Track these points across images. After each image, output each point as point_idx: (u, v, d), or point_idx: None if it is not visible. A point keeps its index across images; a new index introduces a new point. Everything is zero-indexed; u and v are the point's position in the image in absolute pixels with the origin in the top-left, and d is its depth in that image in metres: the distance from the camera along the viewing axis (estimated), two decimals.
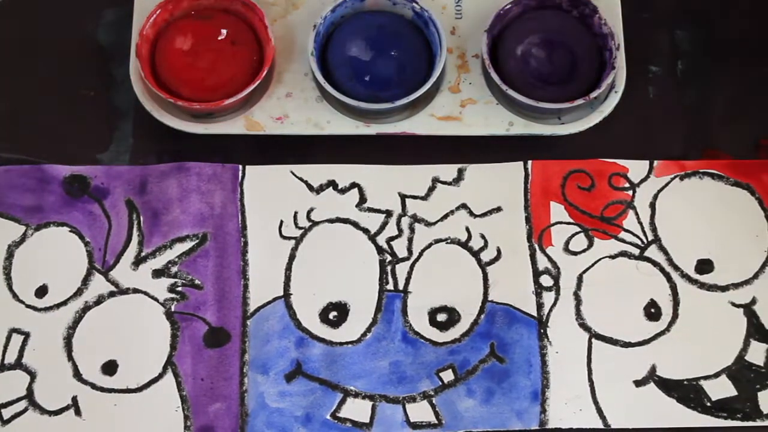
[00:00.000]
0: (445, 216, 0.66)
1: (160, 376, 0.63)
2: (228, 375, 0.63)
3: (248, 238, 0.66)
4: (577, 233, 0.66)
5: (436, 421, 0.63)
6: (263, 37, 0.67)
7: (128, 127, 0.68)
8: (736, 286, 0.65)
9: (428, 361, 0.64)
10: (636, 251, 0.66)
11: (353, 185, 0.67)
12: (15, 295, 0.64)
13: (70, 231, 0.66)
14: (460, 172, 0.67)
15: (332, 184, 0.67)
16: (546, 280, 0.65)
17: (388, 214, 0.67)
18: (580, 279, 0.65)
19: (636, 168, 0.68)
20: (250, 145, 0.68)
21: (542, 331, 0.64)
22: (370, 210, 0.67)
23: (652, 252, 0.66)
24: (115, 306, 0.64)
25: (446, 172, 0.67)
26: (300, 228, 0.66)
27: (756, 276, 0.66)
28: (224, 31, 0.67)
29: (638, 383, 0.63)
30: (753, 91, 0.70)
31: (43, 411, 0.62)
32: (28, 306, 0.64)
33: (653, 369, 0.64)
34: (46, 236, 0.65)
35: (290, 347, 0.64)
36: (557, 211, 0.67)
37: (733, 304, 0.65)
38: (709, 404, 0.63)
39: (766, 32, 0.71)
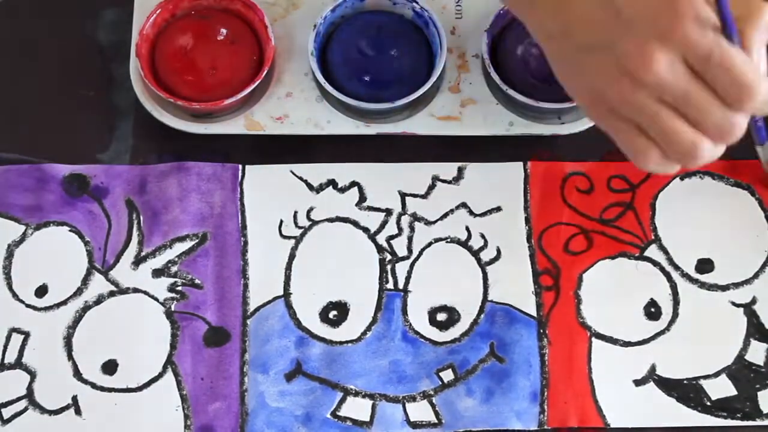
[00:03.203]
0: (445, 215, 0.66)
1: (160, 375, 0.63)
2: (228, 374, 0.63)
3: (248, 238, 0.66)
4: (576, 234, 0.66)
5: (436, 421, 0.62)
6: (263, 37, 0.67)
7: (128, 127, 0.68)
8: (736, 285, 0.65)
9: (428, 360, 0.64)
10: (636, 251, 0.66)
11: (353, 184, 0.67)
12: (15, 295, 0.64)
13: (69, 230, 0.66)
14: (460, 170, 0.67)
15: (332, 183, 0.67)
16: (546, 280, 0.65)
17: (388, 212, 0.67)
18: (580, 279, 0.65)
19: (636, 168, 0.67)
20: (250, 145, 0.68)
21: (542, 331, 0.64)
22: (370, 209, 0.67)
23: (652, 251, 0.66)
24: (115, 305, 0.64)
25: (446, 170, 0.67)
26: (300, 227, 0.66)
27: (756, 276, 0.65)
28: (224, 31, 0.67)
29: (638, 383, 0.63)
30: None
31: (43, 410, 0.62)
32: (28, 305, 0.64)
33: (653, 368, 0.64)
34: (45, 236, 0.65)
35: (290, 346, 0.64)
36: (557, 212, 0.67)
37: (734, 304, 0.65)
38: (708, 404, 0.63)
39: None
